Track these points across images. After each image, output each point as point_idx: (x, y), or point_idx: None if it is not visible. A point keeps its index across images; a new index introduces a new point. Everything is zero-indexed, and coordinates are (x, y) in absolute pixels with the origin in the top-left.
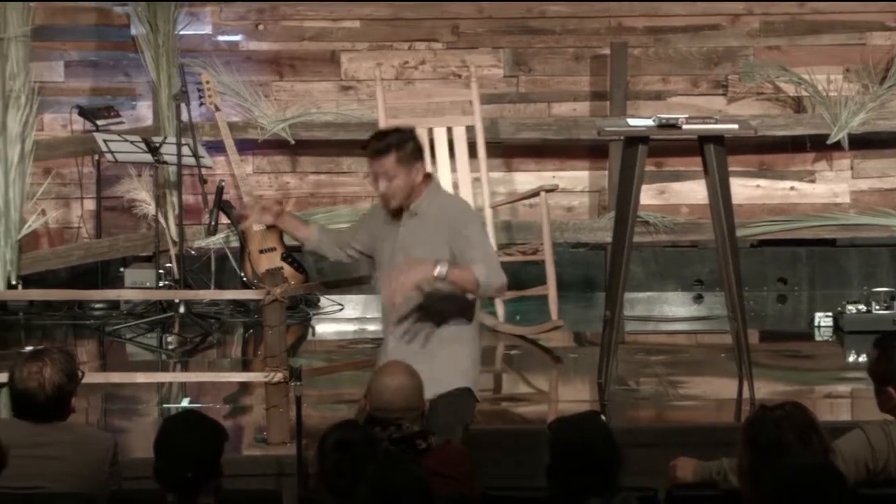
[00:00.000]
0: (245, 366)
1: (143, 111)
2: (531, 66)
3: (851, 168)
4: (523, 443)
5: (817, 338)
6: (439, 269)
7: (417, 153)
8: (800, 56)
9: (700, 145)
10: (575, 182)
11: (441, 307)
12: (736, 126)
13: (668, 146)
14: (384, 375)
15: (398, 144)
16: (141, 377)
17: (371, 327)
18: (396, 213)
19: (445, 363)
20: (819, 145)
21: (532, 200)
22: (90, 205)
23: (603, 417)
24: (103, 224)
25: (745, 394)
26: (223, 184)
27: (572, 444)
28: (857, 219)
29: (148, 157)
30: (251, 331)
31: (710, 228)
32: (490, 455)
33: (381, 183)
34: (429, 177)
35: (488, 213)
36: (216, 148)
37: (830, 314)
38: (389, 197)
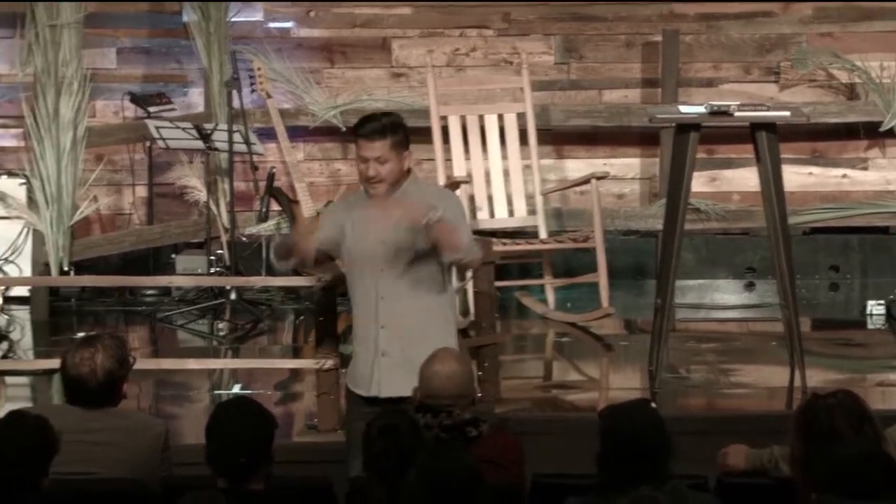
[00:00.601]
0: (296, 353)
1: (195, 98)
2: (582, 52)
3: None
4: (574, 430)
5: (869, 326)
6: (433, 213)
7: (407, 140)
8: (853, 43)
9: (752, 133)
10: (626, 169)
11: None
12: (788, 113)
13: (719, 133)
14: (435, 363)
15: (392, 128)
16: (192, 363)
17: None
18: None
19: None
20: (872, 132)
21: (583, 188)
22: (142, 191)
23: (653, 405)
24: (155, 210)
25: (797, 382)
26: (274, 171)
27: (622, 432)
28: None
29: (199, 144)
30: (302, 317)
31: (762, 216)
32: (540, 442)
33: (371, 166)
34: (410, 170)
35: (539, 200)
36: (267, 135)
37: (883, 302)
38: (378, 181)
